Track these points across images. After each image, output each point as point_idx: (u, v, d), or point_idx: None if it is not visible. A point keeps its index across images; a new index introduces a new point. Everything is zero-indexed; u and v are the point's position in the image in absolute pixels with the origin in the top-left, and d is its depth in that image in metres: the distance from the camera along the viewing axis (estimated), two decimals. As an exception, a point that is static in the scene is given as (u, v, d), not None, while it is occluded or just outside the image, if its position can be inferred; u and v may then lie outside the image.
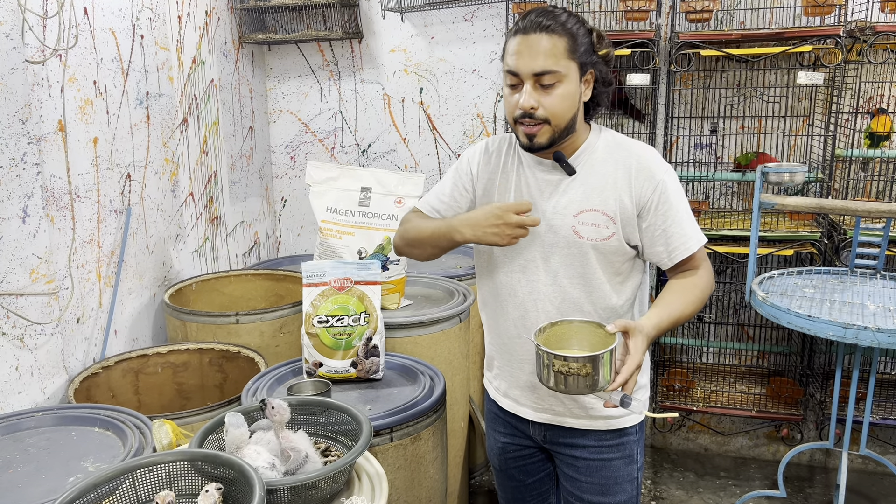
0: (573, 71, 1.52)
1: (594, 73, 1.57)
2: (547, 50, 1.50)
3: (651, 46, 2.84)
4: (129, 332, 2.56)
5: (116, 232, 2.47)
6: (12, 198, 1.97)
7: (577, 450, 1.69)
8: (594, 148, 1.61)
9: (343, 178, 2.49)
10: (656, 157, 1.60)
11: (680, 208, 1.57)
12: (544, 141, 1.55)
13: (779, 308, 2.23)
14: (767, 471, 3.24)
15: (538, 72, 1.50)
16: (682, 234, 1.57)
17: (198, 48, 2.98)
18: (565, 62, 1.50)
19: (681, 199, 1.58)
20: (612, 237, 1.57)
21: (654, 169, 1.57)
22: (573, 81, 1.52)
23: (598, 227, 1.57)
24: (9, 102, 1.95)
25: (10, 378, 1.99)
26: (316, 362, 2.05)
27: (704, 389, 3.16)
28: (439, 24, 3.32)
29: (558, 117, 1.53)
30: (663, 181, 1.56)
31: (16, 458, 1.66)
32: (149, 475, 1.35)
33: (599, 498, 1.68)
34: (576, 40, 1.51)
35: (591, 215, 1.58)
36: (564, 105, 1.52)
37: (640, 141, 1.66)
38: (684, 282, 1.59)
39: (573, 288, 1.61)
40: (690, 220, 1.58)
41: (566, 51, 1.50)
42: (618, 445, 1.67)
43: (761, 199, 2.38)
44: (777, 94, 3.03)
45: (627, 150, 1.60)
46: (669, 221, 1.56)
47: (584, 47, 1.52)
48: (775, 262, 3.04)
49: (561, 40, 1.50)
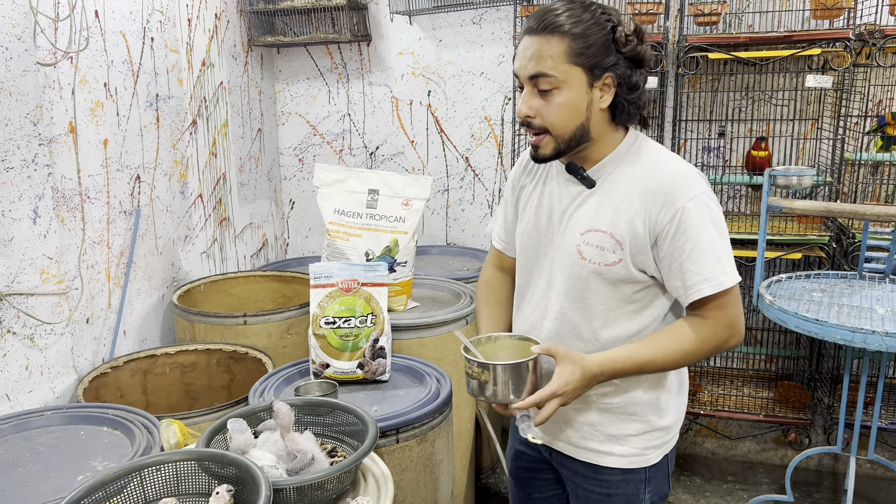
0: (576, 76, 1.36)
1: (613, 76, 1.38)
2: (542, 53, 1.37)
3: (659, 49, 2.84)
4: (138, 332, 2.57)
5: (126, 233, 2.49)
6: (23, 198, 1.99)
7: (578, 477, 1.58)
8: (621, 159, 1.45)
9: (351, 180, 2.50)
10: (685, 178, 1.38)
11: (702, 242, 1.36)
12: (549, 152, 1.43)
13: (786, 312, 2.22)
14: (775, 475, 3.23)
15: (531, 75, 1.38)
16: (698, 272, 1.37)
17: (207, 51, 3.00)
18: (564, 66, 1.36)
19: (706, 230, 1.36)
20: (617, 263, 1.41)
21: (676, 194, 1.37)
22: (576, 88, 1.37)
23: (603, 251, 1.42)
24: (20, 104, 1.97)
25: (20, 377, 2.00)
26: (323, 363, 2.06)
27: (711, 393, 3.15)
28: (447, 27, 3.33)
29: (558, 127, 1.40)
30: (684, 209, 1.35)
31: (25, 457, 1.68)
32: (156, 474, 1.36)
33: None
34: (582, 41, 1.35)
35: (597, 236, 1.42)
36: (564, 114, 1.39)
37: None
38: (677, 329, 1.42)
39: (573, 311, 1.48)
40: (714, 258, 1.36)
41: (566, 54, 1.35)
42: (620, 482, 1.53)
43: (769, 202, 2.38)
44: (785, 97, 3.02)
45: (653, 166, 1.41)
46: (686, 256, 1.37)
47: (596, 48, 1.35)
48: (783, 266, 3.03)
49: (561, 42, 1.35)
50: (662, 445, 1.54)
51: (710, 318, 1.40)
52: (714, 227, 1.38)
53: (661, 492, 1.57)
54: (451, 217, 3.52)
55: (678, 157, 1.46)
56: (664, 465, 1.56)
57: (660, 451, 1.54)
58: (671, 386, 1.53)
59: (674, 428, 1.56)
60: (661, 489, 1.57)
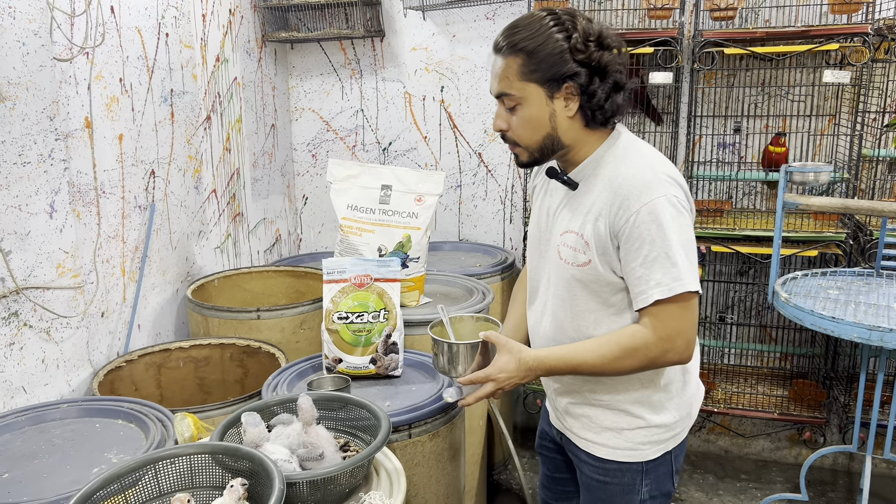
0: (532, 92, 1.41)
1: (573, 85, 1.40)
2: (501, 73, 1.44)
3: (674, 45, 2.82)
4: (153, 326, 2.59)
5: (140, 228, 2.50)
6: (40, 193, 2.01)
7: (581, 463, 1.64)
8: (599, 161, 1.47)
9: (364, 175, 2.51)
10: (645, 181, 1.38)
11: (656, 246, 1.35)
12: (525, 160, 1.51)
13: (802, 309, 2.20)
14: (789, 474, 3.21)
15: (497, 94, 1.46)
16: (646, 279, 1.37)
17: (221, 46, 3.01)
18: (519, 84, 1.42)
19: (660, 235, 1.35)
20: (587, 264, 1.44)
21: (633, 196, 1.37)
22: (535, 103, 1.42)
23: (575, 251, 1.46)
24: (37, 99, 1.99)
25: (36, 370, 2.02)
26: (336, 358, 2.06)
27: (725, 391, 3.14)
28: (461, 23, 3.32)
29: (525, 140, 1.47)
30: (638, 213, 1.36)
31: (41, 449, 1.69)
32: (170, 467, 1.37)
33: None
34: (532, 57, 1.39)
35: (571, 237, 1.47)
36: (528, 128, 1.45)
37: (655, 147, 1.48)
38: (615, 335, 1.44)
39: (561, 311, 1.53)
40: (669, 264, 1.35)
41: (518, 73, 1.41)
42: (616, 471, 1.56)
43: (785, 198, 2.35)
44: (802, 92, 2.99)
45: (620, 167, 1.43)
46: (640, 260, 1.37)
47: (549, 62, 1.38)
48: (799, 264, 3.00)
49: (514, 61, 1.41)
50: (662, 442, 1.55)
51: (649, 327, 1.40)
52: (672, 231, 1.36)
53: (663, 488, 1.58)
54: (463, 213, 3.51)
55: (651, 158, 1.45)
56: (666, 462, 1.56)
57: (658, 448, 1.55)
58: (670, 385, 1.53)
59: (676, 426, 1.56)
60: (663, 486, 1.58)
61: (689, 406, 1.59)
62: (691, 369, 1.58)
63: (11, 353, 1.94)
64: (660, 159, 1.46)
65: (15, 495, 1.50)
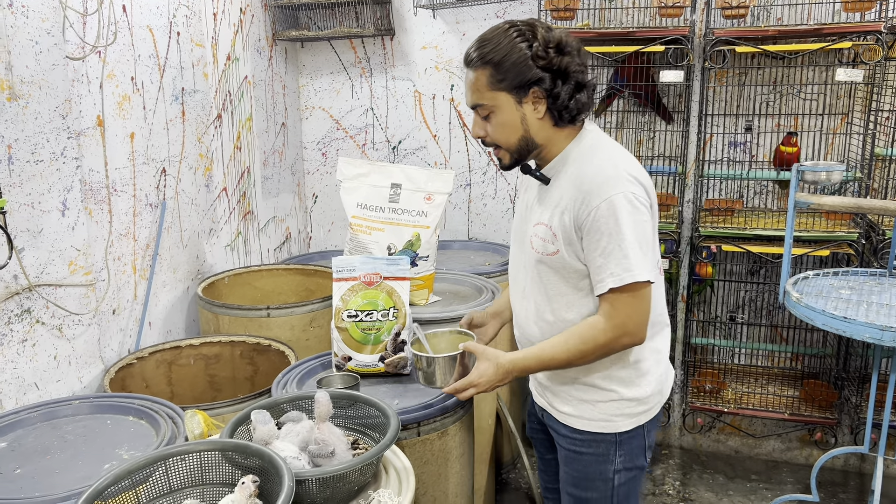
0: (502, 99, 1.55)
1: (538, 89, 1.52)
2: (472, 84, 1.57)
3: (685, 43, 2.80)
4: (163, 323, 2.60)
5: (151, 225, 2.52)
6: (52, 191, 2.02)
7: (559, 437, 1.73)
8: (567, 158, 1.59)
9: (373, 174, 2.51)
10: (605, 178, 1.49)
11: (613, 239, 1.47)
12: (508, 162, 1.63)
13: (813, 309, 2.19)
14: (800, 475, 3.19)
15: (471, 105, 1.59)
16: (604, 268, 1.49)
17: (232, 45, 3.02)
18: (490, 94, 1.55)
19: (617, 229, 1.47)
20: (556, 254, 1.57)
21: (594, 192, 1.49)
22: (506, 110, 1.55)
23: (544, 242, 1.58)
24: (50, 98, 2.00)
25: (48, 367, 2.04)
26: (345, 356, 2.07)
27: (736, 391, 3.12)
28: (471, 21, 3.32)
29: (503, 143, 1.60)
30: (598, 207, 1.47)
31: (53, 445, 1.71)
32: (181, 464, 1.38)
33: (572, 489, 1.72)
34: (499, 68, 1.51)
35: (540, 228, 1.60)
36: (504, 132, 1.58)
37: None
38: (577, 328, 1.57)
39: (537, 295, 1.66)
40: (622, 255, 1.47)
41: (487, 84, 1.54)
42: (591, 442, 1.66)
43: (797, 198, 2.34)
44: (815, 91, 2.97)
45: (584, 164, 1.55)
46: (598, 252, 1.50)
47: (514, 70, 1.51)
48: (810, 263, 2.98)
49: (482, 73, 1.54)
50: (635, 416, 1.65)
51: (605, 315, 1.53)
52: (626, 226, 1.47)
53: (636, 461, 1.68)
54: (473, 212, 3.51)
55: (614, 156, 1.56)
56: (639, 435, 1.66)
57: (631, 421, 1.64)
58: (640, 362, 1.63)
59: (647, 401, 1.65)
60: (636, 459, 1.68)
61: (660, 383, 1.69)
62: (661, 349, 1.69)
63: (24, 350, 1.96)
64: (622, 157, 1.56)
65: (27, 491, 1.51)
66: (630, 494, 1.69)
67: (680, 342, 3.27)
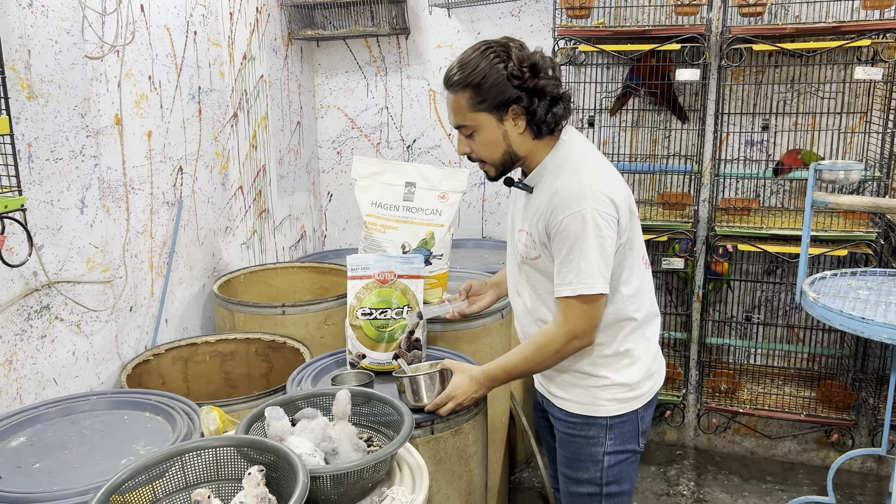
0: (484, 119, 1.64)
1: (517, 107, 1.62)
2: (454, 107, 1.66)
3: (701, 41, 2.79)
4: (180, 320, 2.63)
5: (168, 223, 2.54)
6: (71, 189, 2.05)
7: (556, 421, 1.83)
8: (544, 170, 1.69)
9: (388, 172, 2.51)
10: (574, 193, 1.59)
11: (574, 251, 1.58)
12: (493, 175, 1.74)
13: (831, 310, 2.17)
14: (816, 476, 3.16)
15: (455, 126, 1.69)
16: (560, 275, 1.62)
17: (248, 44, 3.03)
18: (471, 115, 1.64)
19: (578, 242, 1.58)
20: (538, 258, 1.68)
21: (562, 206, 1.59)
22: (488, 128, 1.65)
23: (527, 247, 1.70)
24: (69, 97, 2.02)
25: (67, 362, 2.06)
26: (359, 354, 2.08)
27: (751, 391, 3.10)
28: (486, 20, 3.31)
29: (487, 159, 1.70)
30: (564, 220, 1.59)
31: (71, 440, 1.73)
32: (197, 459, 1.39)
33: (565, 470, 1.82)
34: (478, 90, 1.60)
35: (523, 235, 1.71)
36: (488, 149, 1.68)
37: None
38: (534, 338, 1.71)
39: (527, 292, 1.77)
40: (573, 269, 1.59)
41: (468, 106, 1.63)
42: (583, 425, 1.75)
43: (814, 197, 2.32)
44: (833, 89, 2.94)
45: (557, 178, 1.64)
46: (561, 260, 1.61)
47: (494, 91, 1.59)
48: (828, 263, 2.96)
49: (463, 96, 1.63)
50: (626, 401, 1.73)
51: (556, 323, 1.67)
52: (584, 241, 1.58)
53: (628, 445, 1.76)
54: (486, 210, 3.51)
55: (582, 171, 1.63)
56: (632, 420, 1.75)
57: (623, 406, 1.73)
58: (630, 350, 1.72)
59: (639, 387, 1.74)
60: (627, 443, 1.76)
61: (650, 370, 1.77)
62: (651, 337, 1.79)
63: (43, 346, 1.98)
64: (590, 172, 1.64)
65: (46, 485, 1.53)
66: (622, 476, 1.77)
67: (695, 342, 3.25)
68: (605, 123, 3.20)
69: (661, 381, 1.83)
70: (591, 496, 1.78)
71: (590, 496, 1.78)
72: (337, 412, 1.53)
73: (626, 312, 1.71)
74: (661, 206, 3.04)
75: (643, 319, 1.75)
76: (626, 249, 1.68)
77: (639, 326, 1.73)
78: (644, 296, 1.75)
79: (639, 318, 1.73)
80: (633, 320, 1.72)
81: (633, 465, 1.80)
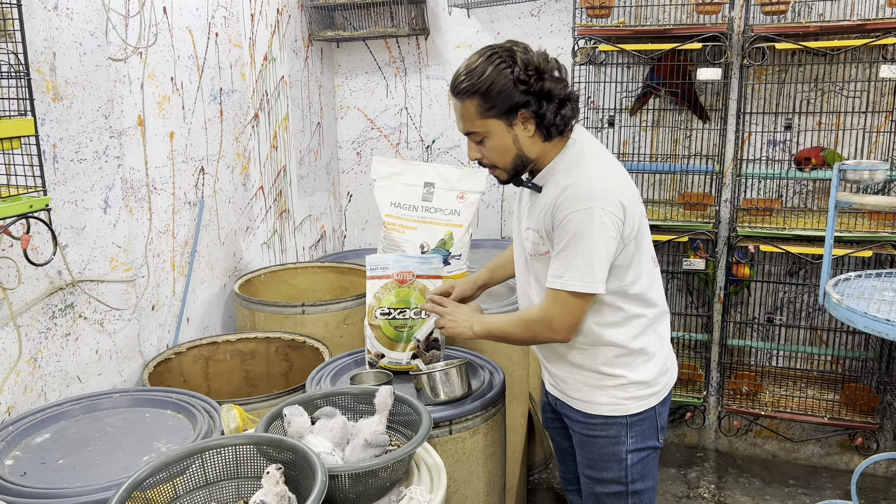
0: (493, 125, 1.64)
1: (525, 111, 1.62)
2: (463, 114, 1.66)
3: (723, 40, 2.76)
4: (201, 319, 2.65)
5: (190, 223, 2.57)
6: (95, 189, 2.07)
7: (572, 422, 1.82)
8: (553, 169, 1.69)
9: (407, 173, 2.52)
10: (579, 192, 1.59)
11: (570, 247, 1.59)
12: (505, 178, 1.73)
13: (855, 311, 2.14)
14: (840, 481, 3.12)
15: (464, 133, 1.69)
16: (557, 267, 1.62)
17: (269, 45, 3.06)
18: (480, 122, 1.64)
19: (574, 239, 1.58)
20: (547, 253, 1.69)
21: (567, 203, 1.60)
22: (498, 134, 1.65)
23: (535, 244, 1.71)
24: (93, 98, 2.05)
25: (90, 360, 2.09)
26: (378, 353, 2.08)
27: (773, 394, 3.06)
28: (506, 20, 3.31)
29: (499, 163, 1.70)
30: (569, 215, 1.59)
31: (94, 437, 1.75)
32: (217, 457, 1.41)
33: (589, 471, 1.80)
34: (486, 97, 1.60)
35: (530, 233, 1.73)
36: (499, 154, 1.68)
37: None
38: (523, 311, 1.76)
39: (535, 291, 1.77)
40: (575, 263, 1.59)
41: (476, 113, 1.63)
42: (603, 425, 1.74)
43: (838, 197, 2.28)
44: (858, 88, 2.90)
45: (566, 177, 1.64)
46: (558, 252, 1.63)
47: (502, 97, 1.59)
48: (852, 264, 2.92)
49: (471, 104, 1.63)
50: (644, 398, 1.74)
51: (540, 307, 1.69)
52: (584, 240, 1.58)
53: (648, 442, 1.76)
54: (505, 210, 3.50)
55: (591, 171, 1.63)
56: (650, 417, 1.76)
57: (641, 403, 1.73)
58: (645, 347, 1.72)
59: (655, 383, 1.75)
60: (648, 440, 1.76)
61: (665, 365, 1.78)
62: (663, 334, 1.80)
63: (67, 344, 2.01)
64: (603, 173, 1.64)
65: (69, 481, 1.55)
66: (646, 473, 1.78)
67: (716, 343, 3.22)
68: (626, 123, 3.18)
69: (675, 376, 1.84)
70: (617, 495, 1.78)
71: (616, 495, 1.78)
72: (379, 403, 1.57)
73: (637, 310, 1.72)
74: (682, 207, 3.02)
75: (654, 317, 1.75)
76: (636, 250, 1.68)
77: (651, 323, 1.74)
78: (654, 293, 1.76)
79: (650, 316, 1.74)
80: (645, 318, 1.73)
81: (655, 461, 1.81)
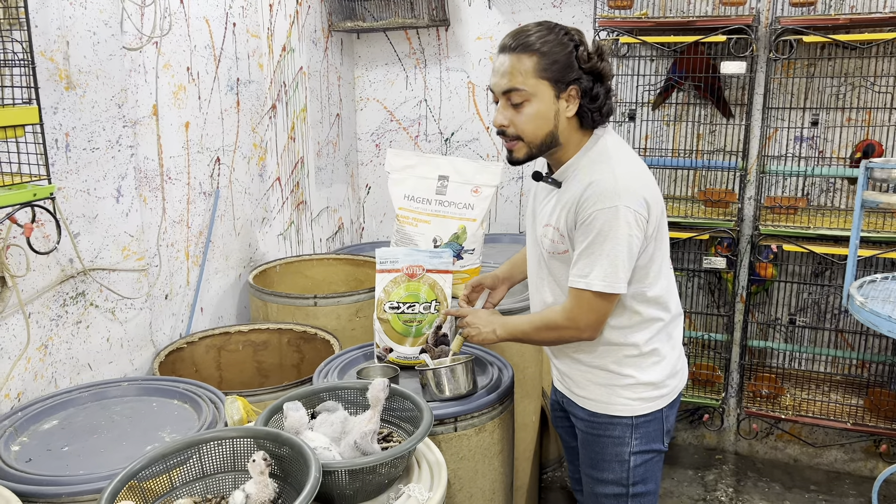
0: (543, 89, 1.57)
1: (577, 88, 1.57)
2: (512, 69, 1.57)
3: (749, 32, 2.69)
4: (215, 309, 2.66)
5: (205, 213, 2.57)
6: (108, 178, 2.08)
7: (578, 421, 1.79)
8: (577, 165, 1.64)
9: (421, 165, 2.49)
10: (605, 189, 1.55)
11: (594, 245, 1.55)
12: (521, 156, 1.65)
13: (879, 315, 2.07)
14: (863, 488, 3.04)
15: (505, 90, 1.59)
16: (580, 266, 1.58)
17: (288, 36, 3.05)
18: (532, 81, 1.56)
19: (599, 238, 1.55)
20: (566, 252, 1.65)
21: (592, 201, 1.56)
22: (544, 100, 1.58)
23: (554, 242, 1.66)
24: (107, 87, 2.06)
25: (101, 348, 2.10)
26: (386, 348, 2.07)
27: (795, 397, 2.99)
28: (527, 11, 3.26)
29: (529, 135, 1.61)
30: (592, 214, 1.55)
31: (101, 425, 1.76)
32: (215, 450, 1.40)
33: (590, 471, 1.78)
34: (547, 57, 1.55)
35: (549, 230, 1.67)
36: (535, 124, 1.59)
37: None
38: (547, 310, 1.70)
39: (552, 283, 1.73)
40: (600, 262, 1.55)
41: (533, 70, 1.56)
42: (607, 425, 1.72)
43: (864, 196, 2.21)
44: (889, 83, 2.81)
45: (590, 174, 1.59)
46: (580, 249, 1.58)
47: (560, 64, 1.55)
48: (880, 266, 2.83)
49: (529, 59, 1.56)
50: (651, 400, 1.70)
51: (564, 307, 1.64)
52: (610, 238, 1.54)
53: (653, 444, 1.73)
54: (524, 205, 3.45)
55: (617, 168, 1.59)
56: (657, 420, 1.72)
57: (648, 405, 1.70)
58: (656, 349, 1.69)
59: (664, 385, 1.71)
60: (653, 442, 1.73)
61: (675, 368, 1.74)
62: (675, 336, 1.76)
63: (78, 332, 2.03)
64: (625, 170, 1.60)
65: (72, 468, 1.56)
66: (647, 476, 1.74)
67: (737, 344, 3.15)
68: (647, 117, 3.12)
69: (685, 380, 1.80)
70: (616, 497, 1.75)
71: (615, 497, 1.75)
72: (372, 397, 1.53)
73: (655, 313, 1.68)
74: (703, 203, 2.95)
75: (670, 319, 1.72)
76: (656, 250, 1.64)
77: (665, 326, 1.71)
78: (671, 295, 1.72)
79: (666, 319, 1.70)
80: (661, 321, 1.69)
81: (658, 464, 1.77)
